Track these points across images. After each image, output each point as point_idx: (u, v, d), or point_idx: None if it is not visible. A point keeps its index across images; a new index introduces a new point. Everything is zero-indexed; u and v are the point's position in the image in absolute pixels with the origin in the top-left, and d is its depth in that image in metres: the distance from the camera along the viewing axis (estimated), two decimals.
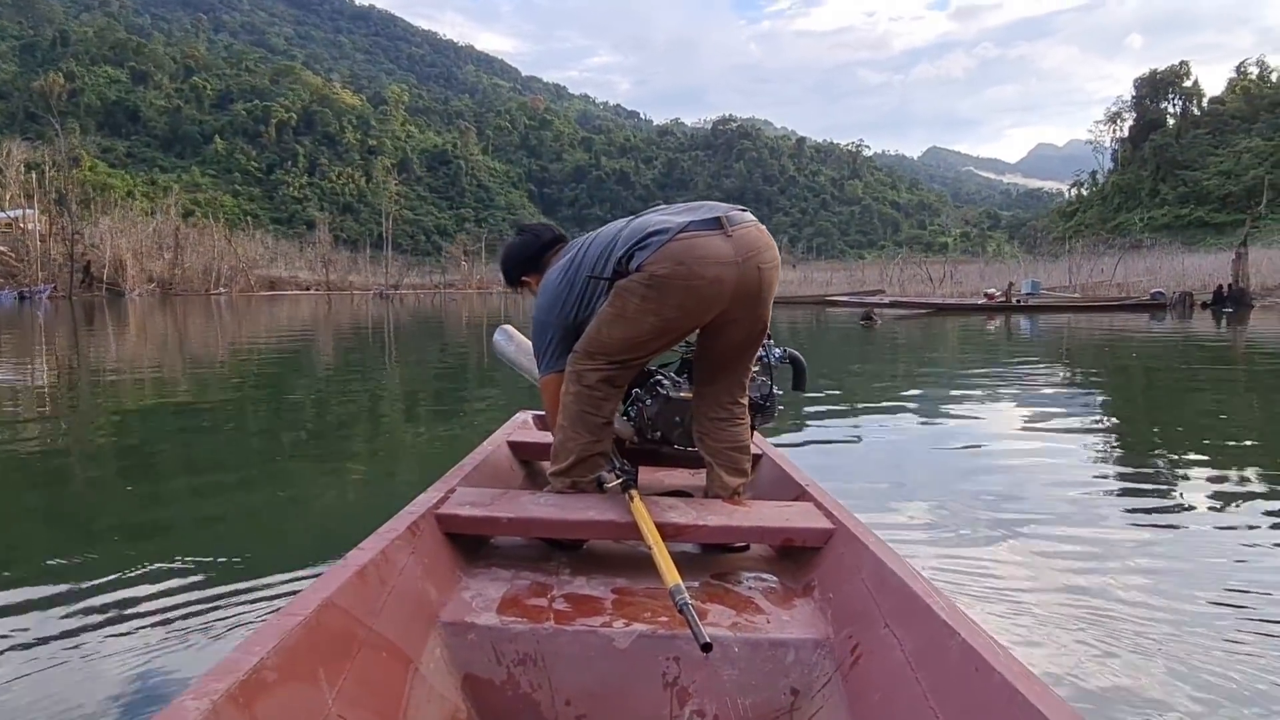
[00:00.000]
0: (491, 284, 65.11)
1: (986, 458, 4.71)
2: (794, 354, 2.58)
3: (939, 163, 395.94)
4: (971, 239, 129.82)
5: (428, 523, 1.87)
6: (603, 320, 2.09)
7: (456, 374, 9.94)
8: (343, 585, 1.39)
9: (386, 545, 1.62)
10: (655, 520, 1.86)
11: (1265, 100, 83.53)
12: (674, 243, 1.97)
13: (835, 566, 1.84)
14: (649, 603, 1.73)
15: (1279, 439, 5.32)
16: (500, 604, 1.70)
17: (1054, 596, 2.51)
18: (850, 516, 2.00)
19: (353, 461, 4.84)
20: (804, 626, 1.66)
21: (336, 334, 17.40)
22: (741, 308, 2.06)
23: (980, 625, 1.33)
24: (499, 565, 1.94)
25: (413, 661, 1.45)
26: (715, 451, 2.24)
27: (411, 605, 1.57)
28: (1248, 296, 23.31)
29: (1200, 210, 75.16)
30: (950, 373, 9.18)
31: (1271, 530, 3.21)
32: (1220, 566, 2.83)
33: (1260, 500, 3.71)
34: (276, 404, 7.19)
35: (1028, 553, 2.94)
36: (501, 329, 3.03)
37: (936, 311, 24.64)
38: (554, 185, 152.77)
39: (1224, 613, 2.40)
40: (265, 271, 59.75)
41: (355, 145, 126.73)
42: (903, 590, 1.52)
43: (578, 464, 2.16)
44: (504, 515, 1.95)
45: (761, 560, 2.09)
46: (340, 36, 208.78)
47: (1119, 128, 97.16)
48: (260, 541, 3.19)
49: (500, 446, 2.80)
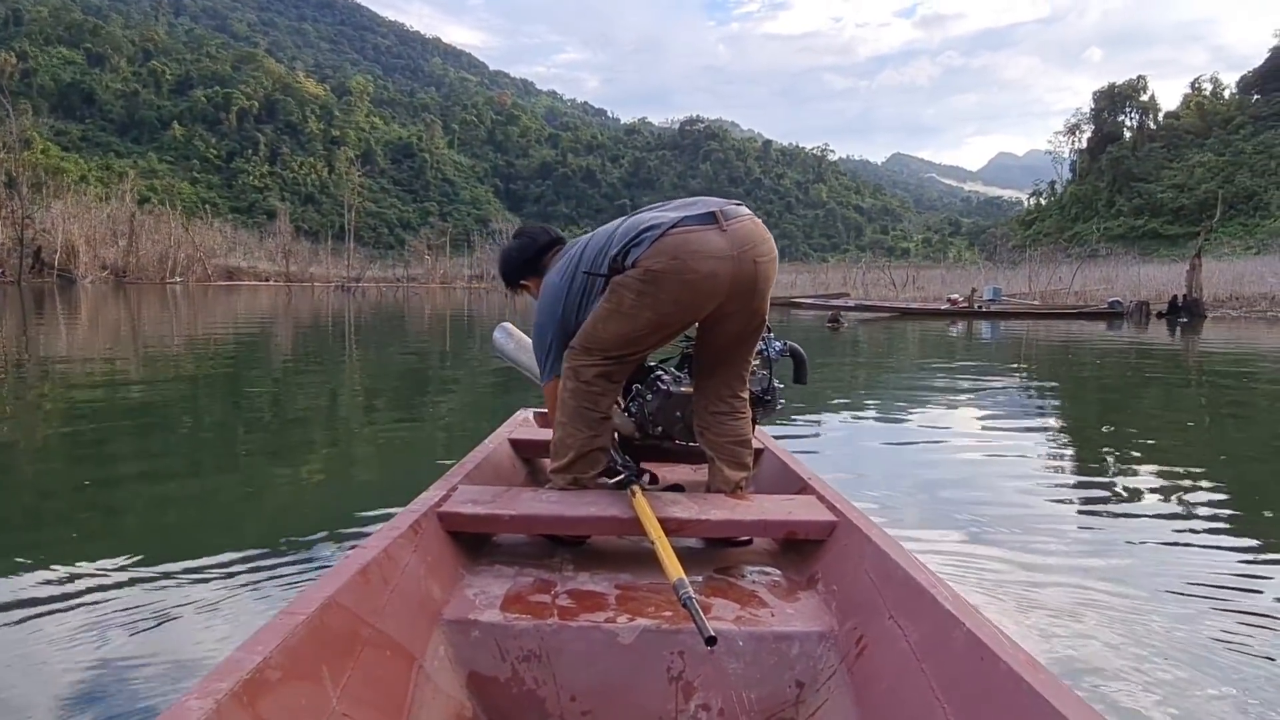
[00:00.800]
0: (455, 279, 64.63)
1: (963, 455, 4.71)
2: (794, 347, 2.58)
3: (902, 169, 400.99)
4: (933, 245, 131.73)
5: (430, 521, 1.86)
6: (599, 316, 2.09)
7: (418, 369, 9.78)
8: (346, 584, 1.38)
9: (389, 544, 1.60)
10: (658, 515, 1.86)
11: (1218, 116, 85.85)
12: (668, 237, 1.97)
13: (839, 558, 1.85)
14: (653, 598, 1.73)
15: (1238, 438, 5.42)
16: (504, 601, 1.69)
17: (1044, 584, 2.55)
18: (853, 508, 2.01)
19: (309, 454, 4.70)
20: (808, 619, 1.66)
21: (296, 326, 17.08)
22: (738, 301, 2.06)
23: (984, 614, 1.33)
24: (502, 563, 1.94)
25: (417, 659, 1.44)
26: (717, 446, 2.24)
27: (415, 603, 1.56)
28: (1201, 307, 23.83)
29: (1154, 222, 77.05)
30: (918, 375, 9.22)
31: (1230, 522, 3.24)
32: (1196, 557, 2.92)
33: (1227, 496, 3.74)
34: (232, 397, 6.99)
35: (999, 543, 2.96)
36: (501, 326, 2.99)
37: (901, 315, 24.87)
38: (520, 181, 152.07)
39: (1208, 599, 2.47)
40: (223, 261, 58.56)
41: (318, 135, 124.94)
42: (907, 581, 1.53)
43: (578, 460, 2.16)
44: (506, 513, 1.94)
45: (765, 554, 2.11)
46: (305, 24, 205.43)
47: (1077, 139, 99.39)
48: (215, 534, 3.06)
49: (502, 444, 2.79)
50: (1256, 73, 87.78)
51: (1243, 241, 59.27)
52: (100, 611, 2.27)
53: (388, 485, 4.06)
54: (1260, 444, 5.52)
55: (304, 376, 8.64)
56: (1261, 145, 76.45)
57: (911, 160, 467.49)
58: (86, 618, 2.23)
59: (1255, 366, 10.76)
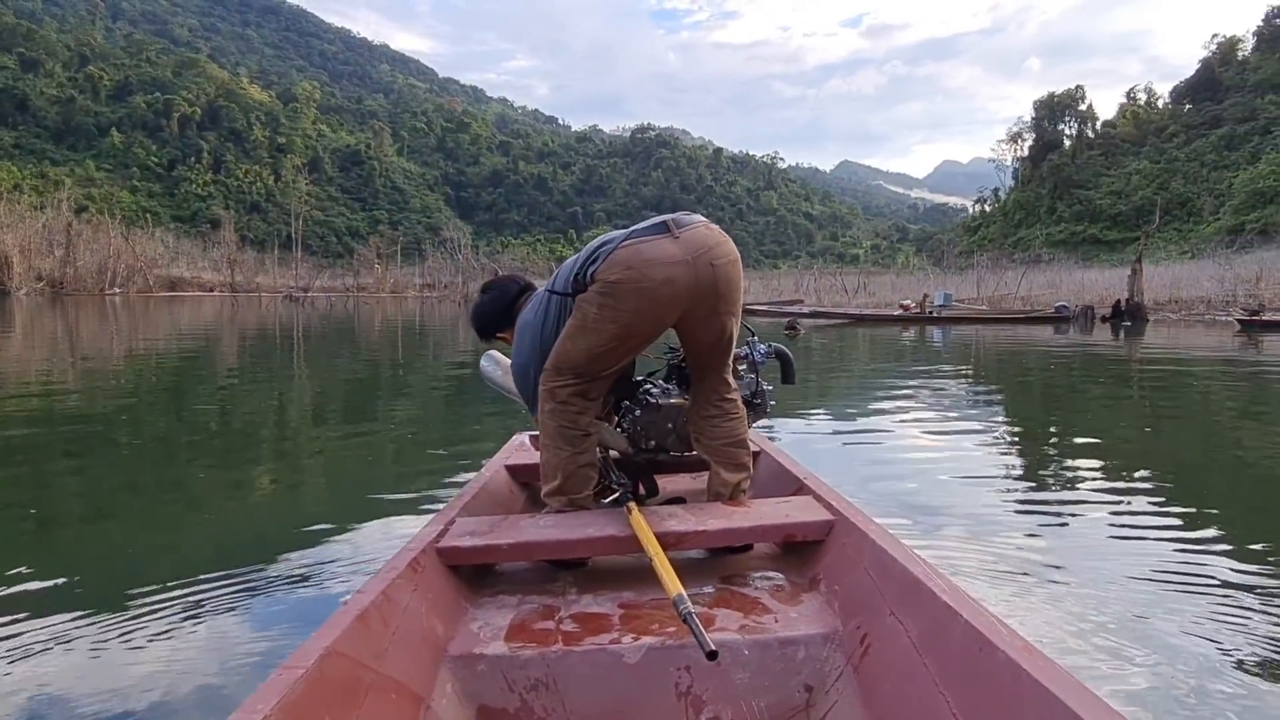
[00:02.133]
0: (405, 288, 63.83)
1: (930, 454, 4.72)
2: (780, 348, 2.62)
3: (851, 176, 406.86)
4: (882, 251, 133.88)
5: (429, 557, 1.84)
6: (567, 334, 2.13)
7: (368, 382, 9.57)
8: (345, 631, 1.36)
9: (387, 585, 1.59)
10: (655, 530, 1.88)
11: (1152, 125, 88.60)
12: (620, 250, 2.03)
13: (838, 558, 1.87)
14: (656, 614, 1.73)
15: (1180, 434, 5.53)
16: (508, 631, 1.69)
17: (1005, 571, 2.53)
18: (850, 506, 2.03)
19: (255, 471, 4.54)
20: (812, 622, 1.67)
21: (243, 338, 16.66)
22: (704, 305, 2.09)
23: (982, 604, 1.35)
24: (505, 592, 1.93)
25: (424, 699, 1.43)
26: (713, 450, 2.28)
27: (418, 643, 1.56)
28: (1144, 311, 24.50)
29: (1094, 228, 79.13)
30: (878, 379, 9.29)
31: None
32: (1167, 548, 2.95)
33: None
34: (175, 413, 6.75)
35: (967, 539, 2.91)
36: (488, 355, 2.95)
37: (855, 322, 25.16)
38: (471, 189, 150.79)
39: (1191, 587, 2.55)
40: (165, 271, 57.06)
41: (263, 142, 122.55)
42: (904, 576, 1.55)
43: (567, 480, 2.18)
44: (505, 542, 1.93)
45: (766, 558, 2.12)
46: (248, 30, 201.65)
47: (1020, 147, 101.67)
48: (153, 555, 2.92)
49: (499, 471, 2.77)
50: (1188, 83, 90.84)
51: (1178, 246, 61.18)
52: (30, 641, 2.15)
53: (337, 500, 3.92)
54: (1202, 439, 5.65)
55: (250, 390, 8.39)
56: (1194, 153, 79.01)
57: (859, 168, 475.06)
58: (10, 649, 2.09)
59: (1195, 368, 11.05)
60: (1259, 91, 78.79)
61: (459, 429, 6.20)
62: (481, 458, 4.63)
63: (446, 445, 5.41)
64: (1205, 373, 10.61)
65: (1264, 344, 15.39)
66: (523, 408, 2.44)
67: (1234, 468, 4.92)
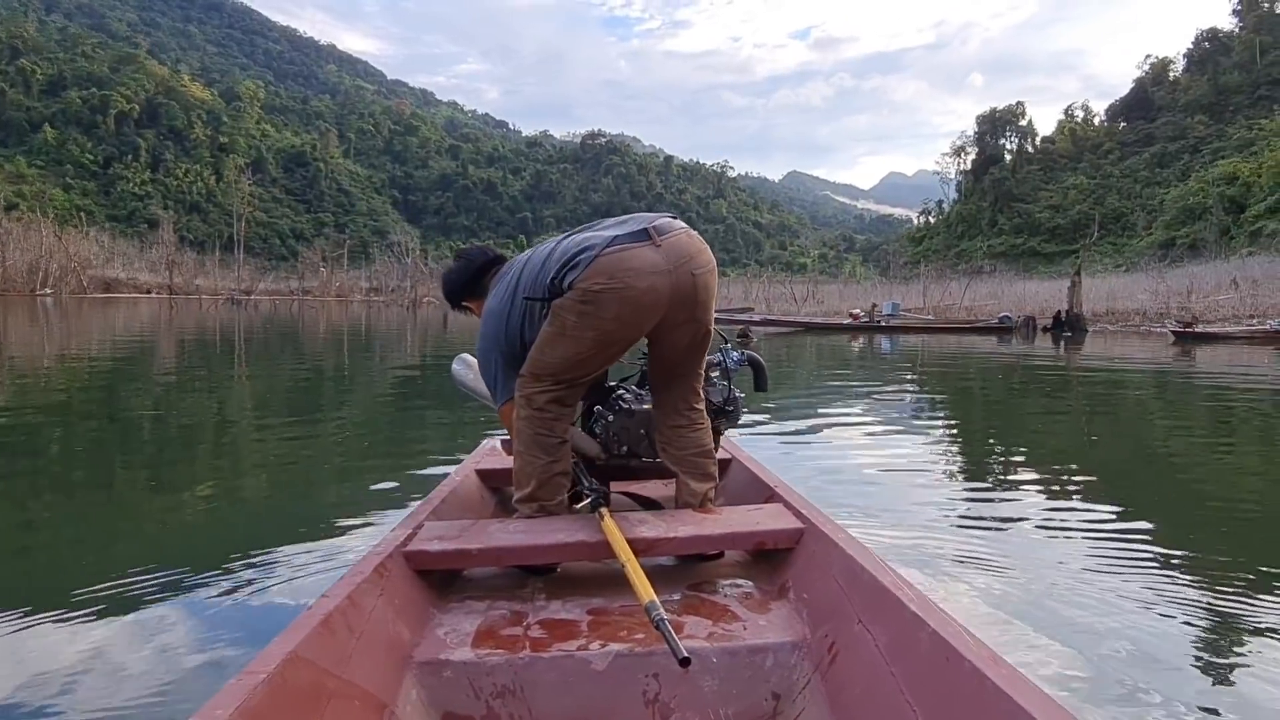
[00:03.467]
0: (351, 291, 62.82)
1: (886, 460, 4.72)
2: (753, 356, 2.62)
3: (799, 186, 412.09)
4: (829, 260, 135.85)
5: (395, 562, 1.80)
6: (544, 341, 2.09)
7: (311, 389, 9.33)
8: (308, 636, 1.34)
9: (353, 590, 1.58)
10: (627, 536, 1.85)
11: (1088, 142, 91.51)
12: (603, 258, 1.99)
13: (807, 566, 1.87)
14: (625, 620, 1.73)
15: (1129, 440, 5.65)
16: (475, 637, 1.67)
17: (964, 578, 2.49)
18: (820, 514, 2.02)
19: (192, 478, 4.35)
20: (781, 629, 1.67)
21: (181, 342, 16.16)
22: (682, 313, 2.09)
23: (950, 615, 1.35)
24: (472, 598, 1.90)
25: (388, 706, 1.41)
26: (679, 460, 2.26)
27: (383, 649, 1.54)
28: (1083, 322, 25.18)
29: (1033, 240, 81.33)
30: (829, 387, 9.33)
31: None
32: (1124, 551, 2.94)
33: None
34: (107, 419, 6.47)
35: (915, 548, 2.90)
36: (460, 358, 2.92)
37: (805, 330, 25.43)
38: (419, 193, 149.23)
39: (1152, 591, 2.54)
40: (100, 272, 55.21)
41: (205, 142, 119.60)
42: (873, 585, 1.56)
43: (540, 487, 2.16)
44: (474, 547, 1.90)
45: (736, 565, 2.11)
46: (190, 26, 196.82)
47: (963, 161, 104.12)
48: (94, 563, 2.74)
49: (469, 476, 2.73)
50: (1123, 102, 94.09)
51: (1113, 260, 63.15)
52: None
53: (288, 507, 3.77)
54: (1138, 445, 5.78)
55: (191, 395, 8.10)
56: (1128, 170, 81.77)
57: (807, 178, 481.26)
58: None
59: (1134, 377, 11.34)
60: (1189, 111, 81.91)
61: (412, 433, 6.05)
62: (436, 461, 4.52)
63: (401, 449, 5.26)
64: (1144, 382, 10.90)
65: (1197, 355, 15.93)
66: (494, 409, 2.39)
67: (1169, 470, 5.06)
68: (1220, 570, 2.93)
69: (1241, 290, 30.15)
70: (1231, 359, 15.01)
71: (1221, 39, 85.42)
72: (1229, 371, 12.33)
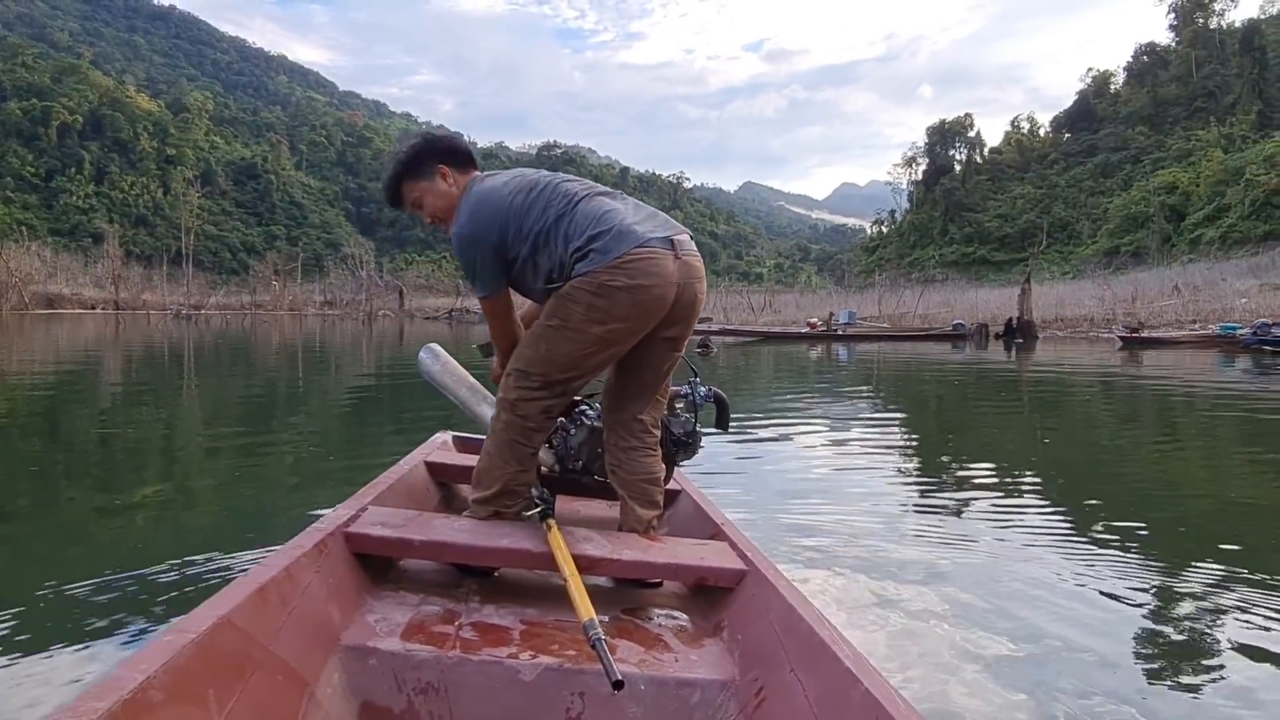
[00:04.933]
0: (304, 305, 61.81)
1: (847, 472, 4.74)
2: (719, 394, 2.60)
3: (754, 197, 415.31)
4: (785, 270, 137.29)
5: (335, 541, 1.79)
6: (543, 335, 2.03)
7: (264, 403, 9.14)
8: (241, 603, 1.33)
9: (291, 563, 1.57)
10: (572, 552, 1.83)
11: (1035, 152, 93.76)
12: (636, 255, 1.95)
13: (745, 607, 1.84)
14: (557, 635, 1.71)
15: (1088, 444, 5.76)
16: (405, 629, 1.66)
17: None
18: (763, 558, 1.99)
19: (138, 497, 4.21)
20: (711, 667, 1.65)
21: (128, 359, 15.74)
22: (671, 328, 2.10)
23: (882, 675, 1.34)
24: (407, 589, 1.88)
25: (309, 685, 1.40)
26: (627, 484, 2.22)
27: (313, 627, 1.53)
28: (1034, 328, 25.71)
29: (983, 249, 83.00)
30: (790, 396, 9.39)
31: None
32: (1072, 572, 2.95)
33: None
34: (49, 435, 6.26)
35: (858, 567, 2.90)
36: (427, 348, 2.81)
37: (764, 339, 25.59)
38: (373, 205, 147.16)
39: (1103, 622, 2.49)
40: (42, 288, 53.56)
41: (151, 153, 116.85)
42: (809, 635, 1.53)
43: (502, 493, 2.11)
44: (416, 538, 1.87)
45: (674, 597, 2.09)
46: (135, 36, 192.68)
47: (914, 171, 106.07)
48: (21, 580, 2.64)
49: (417, 466, 2.69)
50: (1067, 114, 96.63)
51: (1060, 267, 64.72)
52: None
53: (227, 517, 3.67)
54: (1090, 446, 5.89)
55: (138, 412, 7.88)
56: (1073, 180, 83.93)
57: (762, 189, 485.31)
58: None
59: (1084, 380, 11.58)
60: (1130, 123, 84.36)
61: (366, 444, 5.95)
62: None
63: (354, 455, 5.16)
64: (1094, 385, 11.14)
65: (1144, 359, 16.36)
66: (461, 406, 2.35)
67: (1123, 474, 5.16)
68: (1175, 578, 2.95)
69: (1184, 296, 31.05)
70: (1176, 362, 15.43)
71: (1159, 53, 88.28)
72: (1173, 374, 12.66)
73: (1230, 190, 58.62)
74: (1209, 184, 61.71)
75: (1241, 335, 19.77)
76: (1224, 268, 40.67)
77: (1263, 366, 14.44)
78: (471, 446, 3.07)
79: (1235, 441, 6.68)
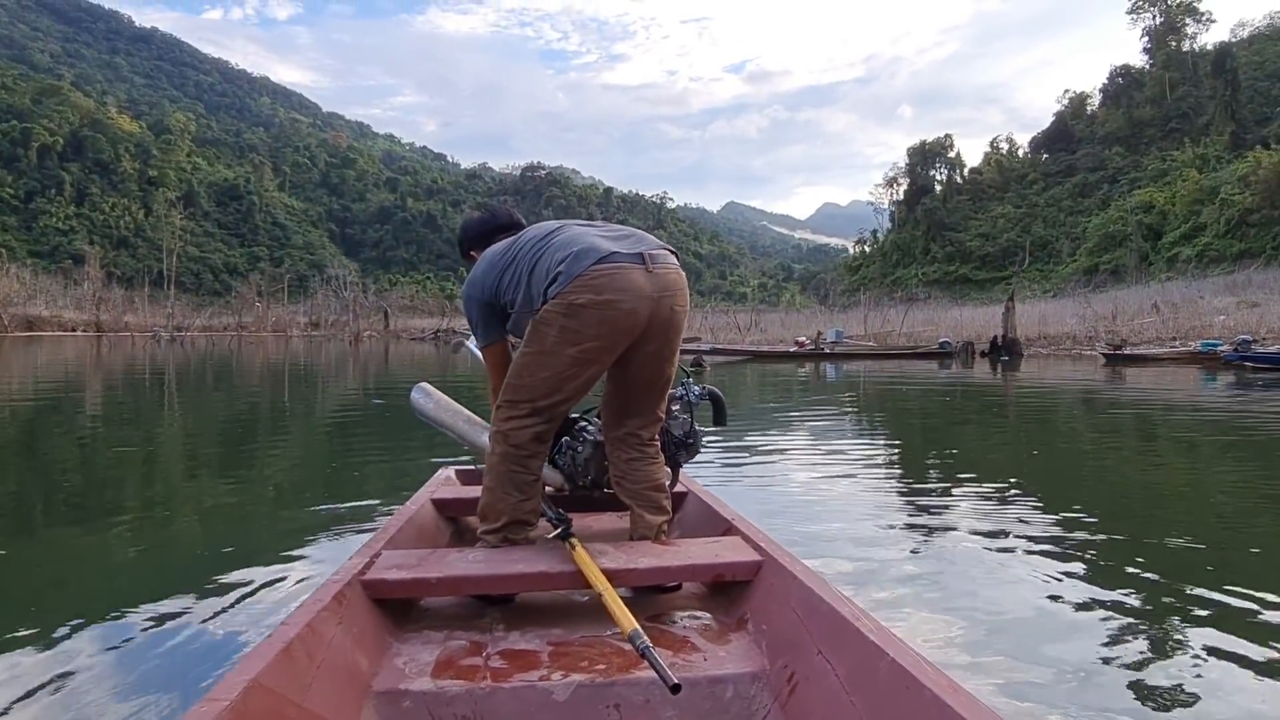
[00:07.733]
0: (289, 326, 61.49)
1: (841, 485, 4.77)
2: (713, 390, 2.65)
3: (737, 216, 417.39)
4: (769, 289, 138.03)
5: (354, 590, 1.79)
6: (522, 363, 2.09)
7: (252, 425, 9.10)
8: (269, 664, 1.33)
9: (312, 618, 1.57)
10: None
11: (1014, 172, 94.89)
12: (595, 272, 1.99)
13: (766, 598, 1.88)
14: (585, 651, 1.72)
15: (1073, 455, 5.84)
16: (434, 667, 1.66)
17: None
18: (778, 547, 2.03)
19: (134, 517, 4.20)
20: (740, 660, 1.68)
21: (109, 384, 15.61)
22: (652, 343, 2.11)
23: (908, 644, 1.35)
24: (430, 628, 1.89)
25: None
26: (634, 494, 2.27)
27: (343, 677, 1.54)
28: (1019, 346, 25.94)
29: (965, 268, 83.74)
30: (782, 414, 9.43)
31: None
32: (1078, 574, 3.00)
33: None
34: (34, 461, 6.22)
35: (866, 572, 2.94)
36: (419, 387, 2.90)
37: (753, 358, 25.67)
38: (357, 226, 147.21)
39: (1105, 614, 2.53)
40: (22, 310, 53.08)
41: (133, 175, 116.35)
42: (832, 616, 1.56)
43: (510, 524, 2.15)
44: (433, 575, 1.89)
45: (694, 598, 2.12)
46: (117, 58, 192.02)
47: (895, 191, 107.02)
48: (21, 606, 2.63)
49: (425, 505, 2.70)
50: (1045, 134, 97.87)
51: (1040, 285, 65.36)
52: None
53: (227, 541, 3.66)
54: (1079, 460, 5.97)
55: (120, 432, 7.83)
56: (1052, 199, 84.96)
57: (745, 209, 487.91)
58: None
59: (1071, 397, 11.71)
60: (1106, 143, 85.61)
61: (357, 468, 5.94)
62: (383, 492, 4.43)
63: (348, 482, 5.16)
64: (1080, 401, 11.26)
65: (1127, 375, 16.57)
66: (456, 438, 2.41)
67: (1111, 484, 5.22)
68: (1170, 579, 2.99)
69: (1163, 314, 31.41)
70: (1159, 378, 15.63)
71: (1134, 75, 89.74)
72: (1158, 390, 12.83)
73: (1206, 209, 59.50)
74: (1185, 203, 62.63)
75: (1223, 352, 20.03)
76: (1201, 285, 41.24)
77: (1245, 382, 14.65)
78: (475, 479, 3.11)
79: (1231, 456, 6.77)
